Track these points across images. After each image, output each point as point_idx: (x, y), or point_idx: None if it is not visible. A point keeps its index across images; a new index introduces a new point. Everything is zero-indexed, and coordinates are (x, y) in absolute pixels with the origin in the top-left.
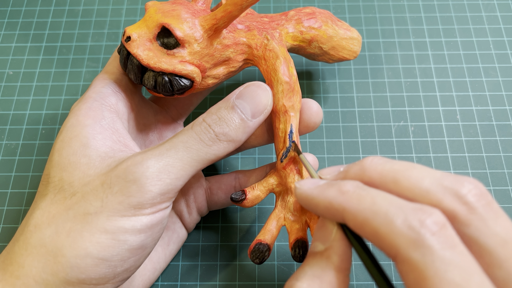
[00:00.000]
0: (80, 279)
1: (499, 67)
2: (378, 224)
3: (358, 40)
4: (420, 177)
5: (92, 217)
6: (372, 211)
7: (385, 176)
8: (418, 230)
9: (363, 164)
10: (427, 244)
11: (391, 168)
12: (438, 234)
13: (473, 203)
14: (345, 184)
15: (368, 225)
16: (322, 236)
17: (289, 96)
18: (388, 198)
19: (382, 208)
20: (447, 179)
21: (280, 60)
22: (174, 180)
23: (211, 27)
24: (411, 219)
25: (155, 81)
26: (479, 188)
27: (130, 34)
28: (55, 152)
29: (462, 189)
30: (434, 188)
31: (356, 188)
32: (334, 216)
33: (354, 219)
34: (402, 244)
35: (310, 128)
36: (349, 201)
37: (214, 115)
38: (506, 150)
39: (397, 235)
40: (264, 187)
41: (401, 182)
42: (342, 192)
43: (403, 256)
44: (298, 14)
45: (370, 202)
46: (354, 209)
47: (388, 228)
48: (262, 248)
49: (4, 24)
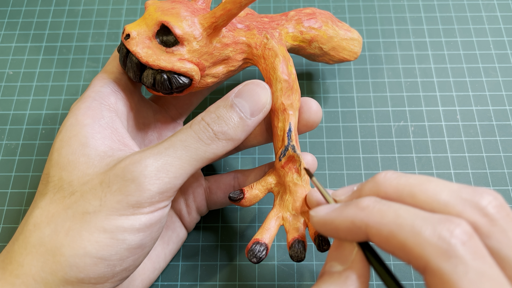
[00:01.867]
0: (79, 278)
1: (499, 67)
2: (405, 236)
3: (359, 41)
4: (438, 190)
5: (91, 216)
6: (397, 224)
7: (401, 191)
8: (449, 240)
9: (377, 180)
10: (459, 255)
11: (406, 182)
12: (468, 244)
13: (494, 215)
14: (364, 200)
15: (394, 239)
16: (341, 256)
17: (288, 95)
18: (411, 211)
19: (407, 220)
20: (465, 191)
21: (279, 58)
22: (172, 179)
23: (210, 25)
24: (440, 229)
25: (154, 79)
26: (498, 200)
27: (129, 32)
28: (55, 151)
29: (482, 200)
30: (453, 201)
31: (375, 203)
32: (357, 235)
33: (378, 234)
34: (432, 255)
35: (309, 127)
36: (371, 216)
37: (213, 113)
38: (506, 150)
39: (426, 246)
40: (262, 186)
41: (418, 196)
42: (362, 208)
43: (433, 267)
44: (298, 15)
45: (394, 215)
46: (378, 223)
47: (416, 239)
48: (260, 247)
49: (4, 24)
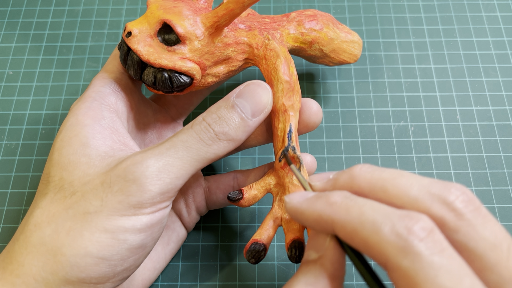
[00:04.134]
0: (80, 278)
1: (499, 67)
2: (367, 234)
3: (359, 43)
4: (408, 185)
5: (92, 216)
6: (360, 221)
7: (374, 185)
8: (406, 237)
9: (352, 172)
10: (416, 251)
11: (379, 176)
12: (426, 239)
13: (461, 209)
14: (333, 195)
15: (357, 236)
16: (316, 245)
17: (289, 96)
18: (375, 207)
19: (369, 218)
20: (434, 186)
21: (280, 59)
22: (174, 180)
23: (212, 25)
24: (398, 226)
25: (154, 77)
26: (466, 194)
27: (131, 30)
28: (55, 151)
29: (449, 196)
30: (422, 196)
31: (344, 198)
32: (324, 229)
33: (343, 230)
34: (391, 252)
35: (309, 128)
36: (337, 212)
37: (214, 114)
38: (506, 150)
39: (385, 244)
40: (261, 186)
41: (390, 190)
42: (330, 203)
43: (393, 264)
44: (300, 16)
45: (358, 212)
46: (343, 220)
47: (376, 237)
48: (258, 247)
49: (4, 24)
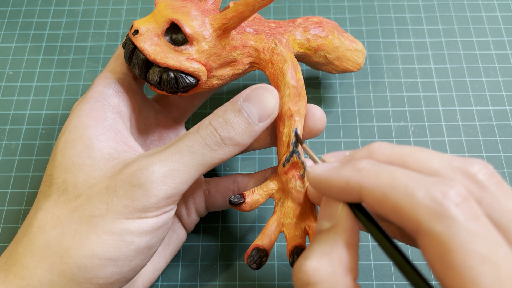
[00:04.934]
0: (87, 278)
1: (499, 67)
2: (398, 198)
3: (363, 52)
4: (429, 159)
5: (97, 219)
6: (391, 186)
7: (393, 160)
8: (441, 201)
9: (371, 148)
10: (451, 215)
11: (399, 151)
12: (461, 205)
13: (484, 181)
14: (361, 162)
15: (387, 200)
16: (328, 214)
17: (295, 101)
18: (407, 173)
19: (401, 182)
20: (456, 160)
21: (288, 63)
22: (179, 184)
23: (220, 27)
24: (433, 190)
25: (160, 77)
26: (488, 168)
27: (138, 28)
28: (58, 153)
29: (472, 168)
30: (444, 168)
31: (372, 165)
32: (351, 196)
33: (372, 195)
34: (424, 217)
35: (313, 134)
36: (367, 177)
37: (221, 118)
38: (506, 150)
39: (418, 208)
40: (264, 191)
41: (410, 164)
42: (358, 169)
43: (425, 229)
44: (306, 22)
45: (389, 177)
46: (372, 185)
47: (409, 201)
48: (260, 253)
49: (4, 24)
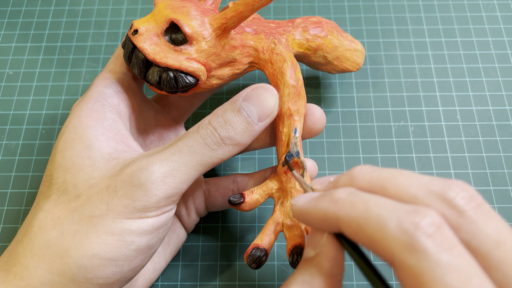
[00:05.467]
0: (88, 278)
1: (499, 67)
2: (372, 230)
3: (362, 52)
4: (408, 183)
5: (97, 220)
6: (365, 217)
7: (373, 185)
8: (412, 233)
9: (352, 173)
10: (423, 248)
11: (378, 176)
12: (433, 235)
13: (462, 206)
14: (337, 192)
15: (362, 232)
16: (313, 242)
17: (294, 100)
18: (380, 202)
19: (374, 213)
20: (434, 183)
21: (287, 63)
22: (178, 184)
23: (220, 26)
24: (404, 221)
25: (159, 76)
26: (467, 191)
27: (137, 28)
28: (58, 153)
29: (450, 192)
30: (421, 194)
31: (348, 194)
32: (330, 227)
33: (349, 227)
34: (397, 249)
35: (312, 134)
36: (342, 208)
37: (220, 117)
38: (506, 150)
39: (391, 240)
40: (263, 191)
41: (389, 189)
42: (334, 200)
43: (399, 261)
44: (305, 22)
45: (363, 207)
46: (347, 216)
47: (382, 233)
48: (260, 253)
49: (4, 24)
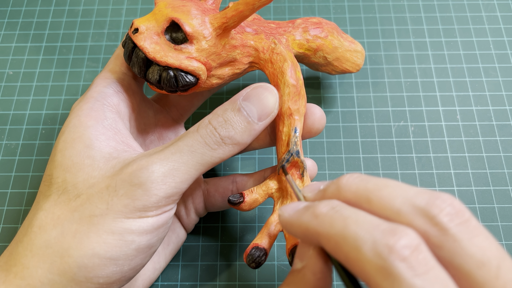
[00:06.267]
0: (88, 278)
1: (499, 67)
2: (348, 249)
3: (362, 53)
4: (392, 197)
5: (98, 219)
6: (342, 236)
7: (359, 196)
8: (386, 256)
9: (339, 183)
10: (395, 272)
11: (364, 187)
12: (408, 259)
13: (445, 224)
14: (319, 206)
15: (339, 250)
16: (301, 253)
17: (295, 100)
18: (359, 220)
19: (351, 233)
20: (419, 198)
21: (288, 63)
22: (179, 184)
23: (220, 26)
24: (378, 244)
25: (159, 75)
26: (453, 206)
27: (138, 26)
28: (58, 152)
29: (433, 208)
30: (405, 209)
31: (330, 210)
32: (312, 242)
33: (328, 244)
34: (371, 272)
35: (312, 134)
36: (322, 225)
37: (220, 117)
38: (506, 150)
39: (365, 262)
40: (263, 190)
41: (374, 202)
42: (315, 215)
43: (373, 284)
44: (305, 23)
45: (341, 225)
46: (326, 233)
47: (357, 254)
48: (259, 252)
49: (4, 24)
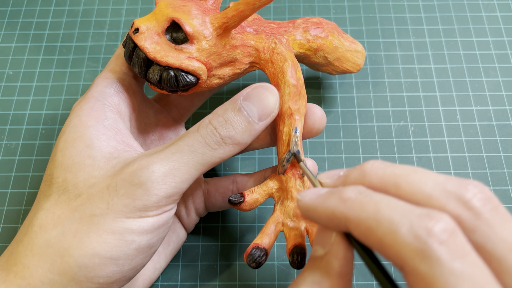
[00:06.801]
0: (88, 277)
1: (499, 67)
2: (382, 233)
3: (362, 53)
4: (423, 182)
5: (98, 219)
6: (376, 220)
7: (386, 182)
8: (425, 239)
9: (364, 168)
10: (435, 255)
11: (392, 172)
12: (447, 242)
13: (479, 208)
14: (347, 191)
15: (372, 235)
16: (322, 240)
17: (295, 99)
18: (392, 204)
19: (385, 216)
20: (450, 183)
21: (288, 62)
22: (179, 184)
23: (221, 26)
24: (417, 227)
25: (160, 75)
26: (484, 192)
27: (138, 26)
28: (58, 152)
29: (466, 193)
30: (437, 193)
31: (358, 194)
32: (338, 226)
33: (357, 228)
34: (408, 255)
35: (313, 134)
36: (351, 209)
37: (221, 117)
38: (506, 150)
39: (402, 245)
40: (263, 190)
41: (403, 187)
42: (343, 200)
43: (410, 267)
44: (306, 23)
45: (373, 209)
46: (357, 217)
47: (393, 237)
48: (259, 252)
49: (4, 24)
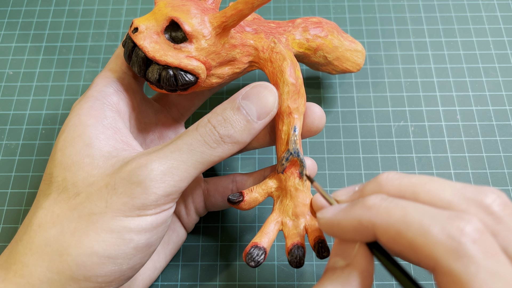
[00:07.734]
0: (87, 276)
1: (499, 67)
2: (413, 235)
3: (362, 53)
4: (441, 189)
5: (97, 217)
6: (405, 222)
7: (403, 191)
8: (459, 238)
9: (379, 180)
10: (470, 254)
11: (409, 182)
12: (479, 241)
13: (499, 213)
14: (370, 199)
15: (402, 238)
16: (343, 252)
17: (294, 98)
18: (418, 208)
19: (415, 218)
20: (469, 189)
21: (287, 61)
22: (178, 182)
23: (220, 25)
24: (449, 227)
25: (159, 74)
26: (502, 198)
27: (137, 26)
28: (58, 151)
29: (486, 199)
30: (456, 199)
31: (382, 201)
32: (365, 235)
33: (386, 234)
34: (442, 255)
35: (312, 133)
36: (378, 215)
37: (219, 116)
38: (506, 150)
39: (435, 246)
40: (262, 189)
41: (421, 195)
42: (368, 207)
43: (443, 267)
44: (305, 22)
45: (401, 213)
46: (385, 222)
47: (425, 238)
48: (258, 251)
49: (4, 24)
